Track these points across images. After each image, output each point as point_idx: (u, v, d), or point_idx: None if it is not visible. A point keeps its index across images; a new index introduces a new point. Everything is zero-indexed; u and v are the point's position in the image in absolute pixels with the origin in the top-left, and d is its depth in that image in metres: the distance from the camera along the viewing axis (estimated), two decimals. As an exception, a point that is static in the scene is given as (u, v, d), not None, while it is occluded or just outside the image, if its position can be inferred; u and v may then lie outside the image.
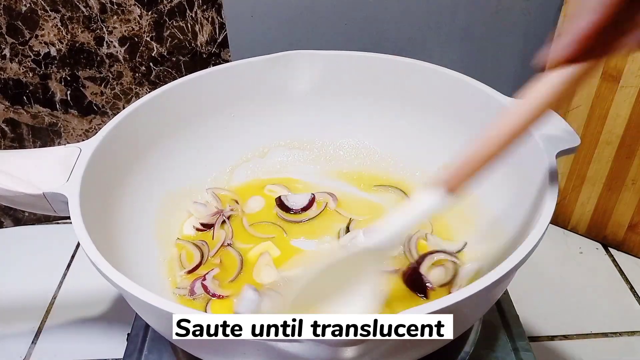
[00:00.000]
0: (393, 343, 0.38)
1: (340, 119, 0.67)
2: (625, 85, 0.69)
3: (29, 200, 0.47)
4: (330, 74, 0.65)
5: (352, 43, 0.76)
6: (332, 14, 0.74)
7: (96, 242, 0.41)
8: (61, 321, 0.71)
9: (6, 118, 0.77)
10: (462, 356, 0.51)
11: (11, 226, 0.86)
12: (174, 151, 0.61)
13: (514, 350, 0.52)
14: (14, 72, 0.74)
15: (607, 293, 0.74)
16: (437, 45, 0.78)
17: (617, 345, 0.67)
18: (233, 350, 0.39)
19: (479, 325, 0.53)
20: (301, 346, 0.34)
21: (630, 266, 0.78)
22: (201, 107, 0.63)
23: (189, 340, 0.35)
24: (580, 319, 0.70)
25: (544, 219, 0.41)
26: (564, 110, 0.75)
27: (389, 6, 0.74)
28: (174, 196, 0.60)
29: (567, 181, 0.80)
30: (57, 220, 0.86)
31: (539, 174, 0.47)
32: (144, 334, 0.53)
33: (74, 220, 0.43)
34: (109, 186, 0.52)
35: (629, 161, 0.73)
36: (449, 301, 0.35)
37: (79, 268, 0.78)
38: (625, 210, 0.77)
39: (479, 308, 0.44)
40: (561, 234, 0.83)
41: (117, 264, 0.40)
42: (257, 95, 0.65)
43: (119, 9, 0.70)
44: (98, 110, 0.78)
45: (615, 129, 0.72)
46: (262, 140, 0.67)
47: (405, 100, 0.63)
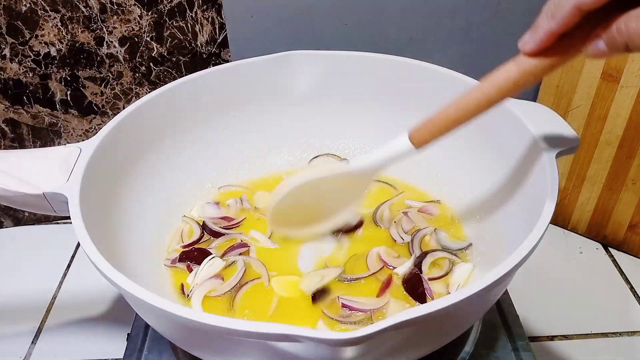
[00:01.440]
0: (393, 343, 0.38)
1: (339, 119, 0.67)
2: (625, 85, 0.69)
3: (29, 200, 0.47)
4: (330, 74, 0.65)
5: (352, 43, 0.76)
6: (332, 14, 0.74)
7: (96, 242, 0.41)
8: (61, 321, 0.71)
9: (6, 118, 0.77)
10: (462, 356, 0.51)
11: (11, 226, 0.86)
12: (173, 151, 0.61)
13: (514, 350, 0.52)
14: (14, 72, 0.74)
15: (607, 293, 0.74)
16: (437, 45, 0.78)
17: (617, 345, 0.67)
18: (233, 350, 0.39)
19: (479, 325, 0.53)
20: (301, 346, 0.34)
21: (630, 266, 0.78)
22: (201, 107, 0.63)
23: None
24: (580, 319, 0.70)
25: (544, 219, 0.41)
26: (564, 110, 0.75)
27: (389, 6, 0.74)
28: (174, 196, 0.60)
29: (567, 181, 0.80)
30: (57, 220, 0.86)
31: (539, 174, 0.47)
32: (144, 334, 0.53)
33: (74, 220, 0.43)
34: (109, 186, 0.52)
35: (629, 161, 0.73)
36: (449, 301, 0.35)
37: (79, 268, 0.78)
38: (625, 210, 0.77)
39: (479, 308, 0.44)
40: (561, 234, 0.83)
41: (117, 264, 0.40)
42: (257, 96, 0.65)
43: (119, 9, 0.70)
44: (98, 110, 0.78)
45: (615, 129, 0.72)
46: (262, 140, 0.67)
47: (404, 100, 0.63)
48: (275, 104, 0.66)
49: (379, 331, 0.32)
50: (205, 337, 0.39)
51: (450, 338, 0.44)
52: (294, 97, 0.66)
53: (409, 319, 0.33)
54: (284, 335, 0.33)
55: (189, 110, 0.62)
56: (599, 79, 0.71)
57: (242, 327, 0.33)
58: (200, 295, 0.51)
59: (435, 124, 0.44)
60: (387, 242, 0.57)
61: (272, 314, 0.49)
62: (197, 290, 0.51)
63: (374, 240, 0.57)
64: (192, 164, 0.63)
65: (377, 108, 0.66)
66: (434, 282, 0.52)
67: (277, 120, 0.67)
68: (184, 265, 0.54)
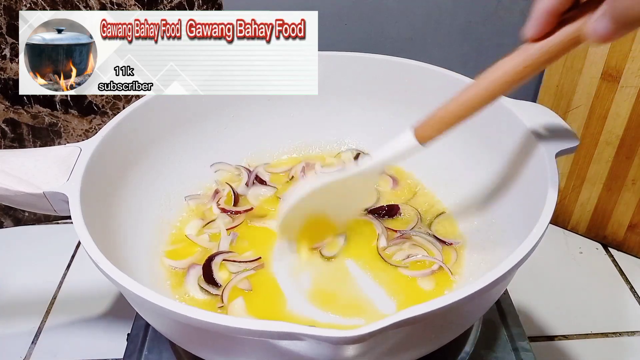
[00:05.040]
0: (394, 342, 0.38)
1: (339, 119, 0.67)
2: (625, 85, 0.69)
3: (30, 199, 0.47)
4: (330, 75, 0.65)
5: (352, 43, 0.77)
6: (332, 14, 0.74)
7: (97, 240, 0.41)
8: (61, 321, 0.71)
9: (6, 118, 0.77)
10: (462, 356, 0.51)
11: (11, 226, 0.86)
12: (173, 151, 0.61)
13: (514, 350, 0.52)
14: (14, 72, 0.74)
15: (607, 293, 0.74)
16: (437, 45, 0.78)
17: (617, 345, 0.67)
18: (234, 348, 0.39)
19: (479, 325, 0.54)
20: (303, 344, 0.34)
21: (630, 266, 0.78)
22: (201, 107, 0.63)
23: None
24: (580, 319, 0.70)
25: (544, 219, 0.41)
26: (564, 111, 0.75)
27: (389, 6, 0.74)
28: (174, 195, 0.60)
29: (567, 181, 0.80)
30: (57, 220, 0.86)
31: (539, 174, 0.47)
32: (144, 333, 0.53)
33: (75, 219, 0.43)
34: (109, 185, 0.52)
35: (629, 161, 0.73)
36: (448, 300, 0.35)
37: (79, 268, 0.78)
38: (625, 210, 0.77)
39: (479, 307, 0.44)
40: (561, 234, 0.83)
41: (117, 263, 0.40)
42: (256, 96, 0.65)
43: (119, 9, 0.70)
44: (98, 110, 0.78)
45: (615, 129, 0.72)
46: (262, 140, 0.67)
47: (404, 100, 0.63)
48: (275, 103, 0.66)
49: (380, 330, 0.32)
50: (205, 335, 0.39)
51: (451, 337, 0.44)
52: (293, 97, 0.66)
53: (409, 317, 0.33)
54: (286, 333, 0.33)
55: (189, 110, 0.62)
56: (599, 79, 0.71)
57: (243, 326, 0.33)
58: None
59: (440, 119, 0.44)
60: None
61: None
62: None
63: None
64: (192, 163, 0.63)
65: (377, 108, 0.66)
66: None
67: (277, 120, 0.67)
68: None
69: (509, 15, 0.76)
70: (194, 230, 0.59)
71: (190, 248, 0.56)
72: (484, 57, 0.80)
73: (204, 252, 0.56)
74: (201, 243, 0.57)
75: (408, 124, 0.64)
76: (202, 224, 0.59)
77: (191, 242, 0.57)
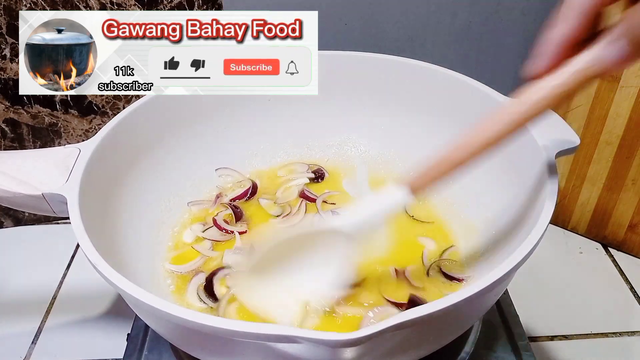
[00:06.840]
0: (393, 344, 0.38)
1: (339, 119, 0.67)
2: (625, 85, 0.69)
3: (28, 201, 0.47)
4: (330, 74, 0.65)
5: (352, 43, 0.76)
6: (332, 14, 0.74)
7: (95, 242, 0.41)
8: (61, 321, 0.71)
9: (6, 118, 0.77)
10: (462, 356, 0.51)
11: (11, 226, 0.86)
12: (173, 152, 0.61)
13: (514, 350, 0.52)
14: (14, 72, 0.74)
15: (607, 293, 0.74)
16: (437, 45, 0.78)
17: (617, 345, 0.67)
18: (232, 351, 0.39)
19: (479, 325, 0.53)
20: (300, 347, 0.34)
21: (630, 266, 0.78)
22: (201, 107, 0.62)
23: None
24: (580, 319, 0.70)
25: (543, 219, 0.41)
26: (564, 110, 0.75)
27: (389, 6, 0.74)
28: (174, 197, 0.60)
29: (567, 181, 0.80)
30: (57, 221, 0.86)
31: (538, 174, 0.47)
32: (144, 334, 0.53)
33: (73, 221, 0.42)
34: (108, 187, 0.52)
35: (629, 161, 0.73)
36: (448, 301, 0.35)
37: (79, 268, 0.78)
38: (625, 210, 0.77)
39: (479, 308, 0.44)
40: (561, 234, 0.83)
41: (116, 265, 0.40)
42: (256, 96, 0.65)
43: (119, 9, 0.70)
44: (98, 110, 0.78)
45: (615, 129, 0.72)
46: (262, 140, 0.67)
47: (404, 100, 0.63)
48: (275, 103, 0.66)
49: (378, 332, 0.32)
50: (203, 338, 0.39)
51: (450, 338, 0.44)
52: (293, 97, 0.66)
53: (408, 319, 0.33)
54: (283, 336, 0.33)
55: (189, 111, 0.62)
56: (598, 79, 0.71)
57: (240, 328, 0.33)
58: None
59: (438, 170, 0.40)
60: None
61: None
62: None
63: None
64: (192, 164, 0.63)
65: (376, 108, 0.66)
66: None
67: (277, 120, 0.67)
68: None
69: (509, 15, 0.76)
70: (194, 235, 0.58)
71: (192, 253, 0.56)
72: (484, 57, 0.80)
73: (205, 259, 0.56)
74: (203, 252, 0.56)
75: (408, 123, 0.64)
76: (202, 228, 0.59)
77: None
